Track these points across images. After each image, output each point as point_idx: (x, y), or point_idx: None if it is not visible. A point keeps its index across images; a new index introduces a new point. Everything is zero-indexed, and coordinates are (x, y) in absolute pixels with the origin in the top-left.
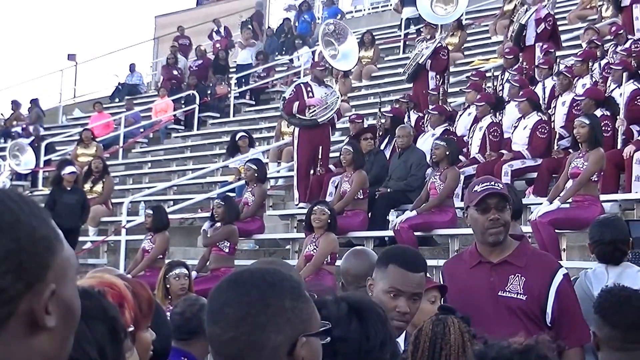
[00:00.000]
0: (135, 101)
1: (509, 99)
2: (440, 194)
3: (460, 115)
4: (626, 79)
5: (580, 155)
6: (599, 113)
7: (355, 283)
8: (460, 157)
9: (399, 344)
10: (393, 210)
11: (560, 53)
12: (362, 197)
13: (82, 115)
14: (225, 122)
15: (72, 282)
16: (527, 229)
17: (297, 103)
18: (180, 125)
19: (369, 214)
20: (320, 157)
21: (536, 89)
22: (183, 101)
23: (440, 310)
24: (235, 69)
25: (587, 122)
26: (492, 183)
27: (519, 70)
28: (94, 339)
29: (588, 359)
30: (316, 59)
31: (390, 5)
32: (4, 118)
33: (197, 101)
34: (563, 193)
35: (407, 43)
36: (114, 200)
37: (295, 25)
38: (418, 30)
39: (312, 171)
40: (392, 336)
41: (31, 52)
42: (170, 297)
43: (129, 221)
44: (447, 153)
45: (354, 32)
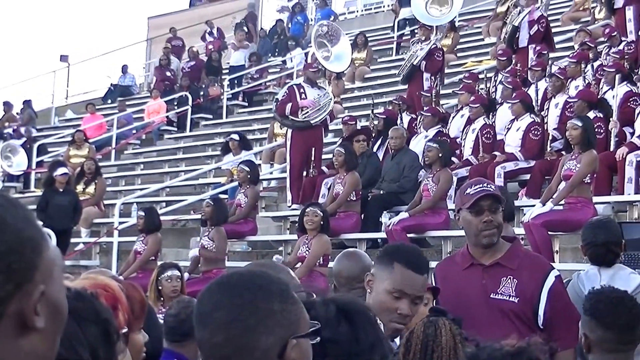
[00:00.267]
0: (127, 102)
1: (501, 101)
2: (433, 196)
3: (453, 117)
4: (619, 81)
5: (573, 157)
6: (591, 115)
7: (348, 285)
8: (453, 159)
9: (395, 344)
10: (386, 212)
11: (553, 55)
12: (355, 199)
13: (75, 116)
14: (218, 124)
15: (59, 282)
16: (520, 230)
17: (290, 104)
18: (172, 126)
19: (362, 216)
20: (313, 159)
21: (529, 90)
22: (176, 102)
23: (432, 313)
24: (228, 71)
25: (580, 125)
26: (485, 185)
27: (512, 72)
28: (86, 341)
29: None
30: (309, 61)
31: (385, 7)
32: None
33: (190, 102)
34: (556, 195)
35: (402, 45)
36: (106, 202)
37: (288, 26)
38: (412, 31)
39: (305, 173)
40: (382, 338)
41: (24, 53)
42: (162, 299)
43: (121, 223)
44: (440, 155)
45: (346, 34)
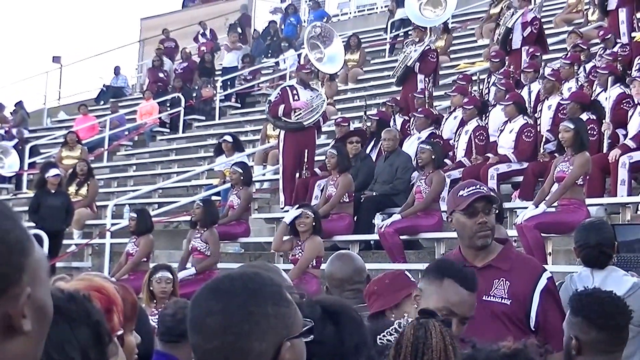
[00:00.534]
0: (120, 104)
1: (494, 103)
2: (426, 198)
3: (447, 119)
4: (612, 83)
5: (566, 158)
6: (584, 117)
7: (340, 287)
8: (446, 161)
9: None
10: (379, 213)
11: (546, 57)
12: (348, 201)
13: (67, 117)
14: (210, 125)
15: (45, 284)
16: (513, 232)
17: (283, 106)
18: (165, 128)
19: (355, 218)
20: (306, 161)
21: (522, 92)
22: (168, 104)
23: (421, 314)
24: (220, 72)
25: (572, 127)
26: (478, 187)
27: (505, 73)
28: (77, 343)
29: None
30: (302, 62)
31: (378, 8)
32: None
33: (183, 104)
34: (549, 197)
35: (396, 46)
36: (99, 203)
37: (281, 28)
38: (406, 33)
39: (298, 174)
40: (368, 340)
41: (16, 54)
42: (155, 301)
43: (113, 224)
44: (433, 157)
45: (340, 35)
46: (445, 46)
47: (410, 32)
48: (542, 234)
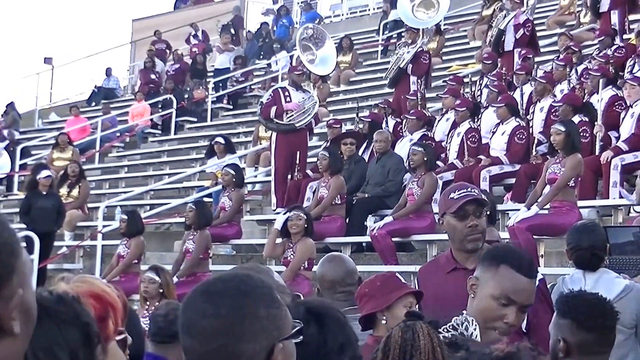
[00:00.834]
0: (112, 105)
1: (487, 105)
2: (418, 200)
3: (439, 121)
4: (604, 85)
5: (557, 160)
6: (576, 119)
7: (332, 289)
8: (438, 163)
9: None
10: (371, 215)
11: (538, 59)
12: (340, 203)
13: (59, 119)
14: (202, 127)
15: (31, 287)
16: (505, 234)
17: (275, 108)
18: (157, 129)
19: (347, 220)
20: (297, 162)
21: (514, 94)
22: (160, 105)
23: (408, 317)
24: (212, 73)
25: (563, 130)
26: (469, 189)
27: (497, 75)
28: (66, 345)
29: None
30: (294, 64)
31: (370, 10)
32: None
33: (175, 105)
34: (541, 199)
35: (389, 48)
36: (90, 205)
37: (273, 29)
38: (399, 34)
39: (290, 176)
40: (352, 340)
41: (7, 56)
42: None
43: (105, 226)
44: (425, 159)
45: (332, 37)
46: (438, 48)
47: (402, 34)
48: (534, 236)
